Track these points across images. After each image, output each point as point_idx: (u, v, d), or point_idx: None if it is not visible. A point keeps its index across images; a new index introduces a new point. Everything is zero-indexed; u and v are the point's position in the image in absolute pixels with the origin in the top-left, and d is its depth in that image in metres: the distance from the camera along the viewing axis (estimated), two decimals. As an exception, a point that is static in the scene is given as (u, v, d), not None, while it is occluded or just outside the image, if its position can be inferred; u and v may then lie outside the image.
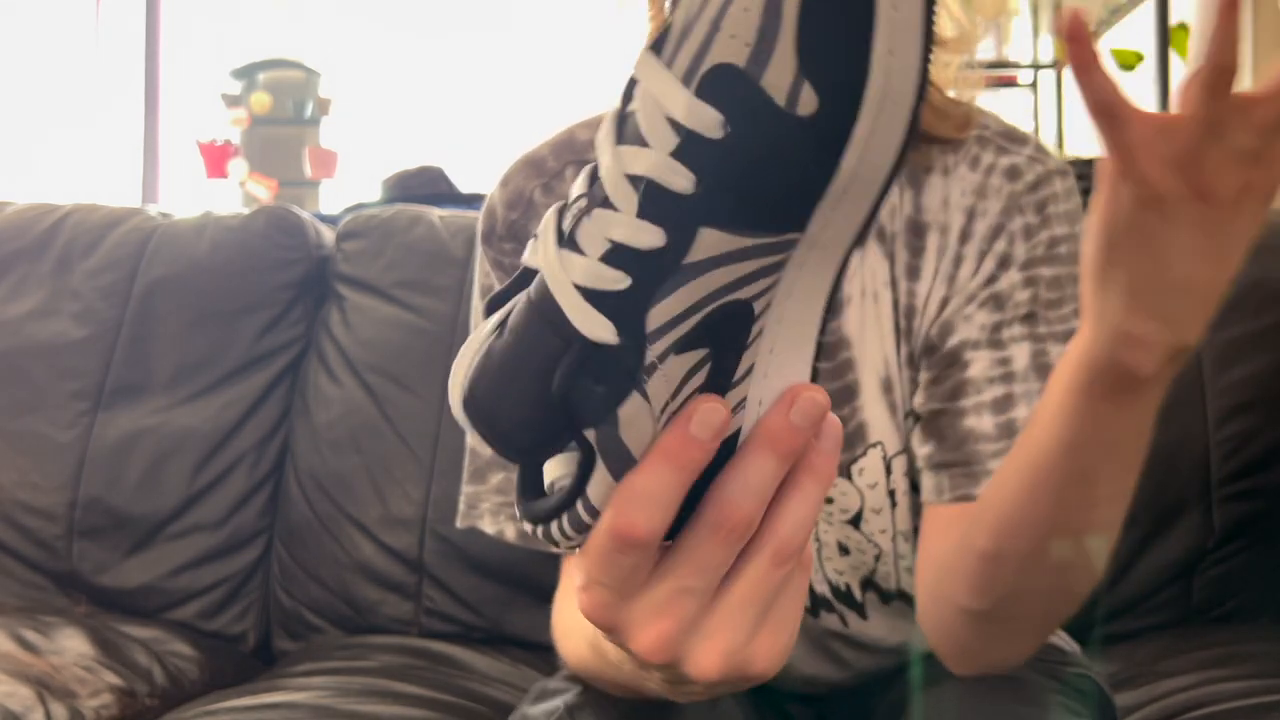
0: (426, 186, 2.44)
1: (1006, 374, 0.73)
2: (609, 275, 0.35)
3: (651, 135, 0.35)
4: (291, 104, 5.23)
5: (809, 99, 0.34)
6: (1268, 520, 1.27)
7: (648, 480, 0.37)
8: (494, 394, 0.37)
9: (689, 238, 0.35)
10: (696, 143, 0.35)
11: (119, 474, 1.39)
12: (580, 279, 0.36)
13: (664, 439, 0.37)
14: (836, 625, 0.83)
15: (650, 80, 0.35)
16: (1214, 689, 1.02)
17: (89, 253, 1.48)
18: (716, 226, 0.35)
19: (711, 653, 0.39)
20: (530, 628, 1.29)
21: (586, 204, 0.36)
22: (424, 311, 1.39)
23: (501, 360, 0.37)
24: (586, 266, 0.36)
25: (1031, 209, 0.76)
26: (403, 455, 1.35)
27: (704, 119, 0.34)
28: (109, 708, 1.10)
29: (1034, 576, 0.65)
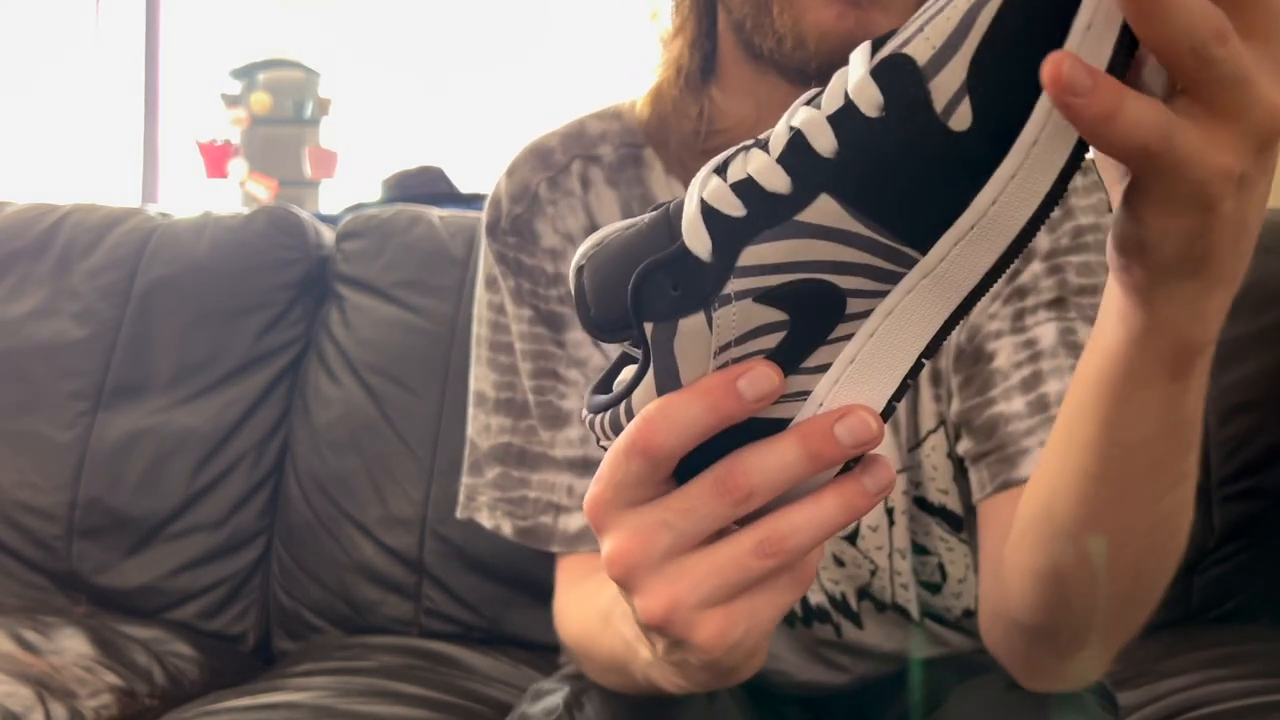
0: (426, 186, 2.44)
1: (1034, 354, 0.71)
2: (730, 200, 0.38)
3: (829, 99, 0.38)
4: (291, 104, 5.23)
5: (964, 115, 0.36)
6: (1268, 520, 1.27)
7: (680, 405, 0.38)
8: (601, 266, 0.41)
9: (809, 197, 0.37)
10: (852, 115, 0.37)
11: (119, 474, 1.39)
12: (708, 196, 0.39)
13: (710, 377, 0.38)
14: (830, 635, 0.83)
15: (858, 54, 0.38)
16: (1214, 689, 1.02)
17: (89, 253, 1.48)
18: (837, 198, 0.37)
19: (660, 594, 0.40)
20: (530, 628, 1.29)
21: (753, 143, 0.39)
22: (424, 311, 1.39)
23: (620, 242, 0.41)
24: (717, 187, 0.39)
25: None
26: (403, 455, 1.35)
27: (867, 95, 0.37)
28: (109, 708, 1.10)
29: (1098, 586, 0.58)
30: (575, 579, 0.76)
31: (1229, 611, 1.27)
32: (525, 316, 0.79)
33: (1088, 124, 0.34)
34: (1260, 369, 1.29)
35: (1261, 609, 1.27)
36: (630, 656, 0.59)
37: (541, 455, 0.78)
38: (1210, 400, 1.27)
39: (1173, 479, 0.53)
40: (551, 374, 0.78)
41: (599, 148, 0.81)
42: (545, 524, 0.77)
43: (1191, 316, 0.46)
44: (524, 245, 0.80)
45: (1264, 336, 1.29)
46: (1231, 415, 1.28)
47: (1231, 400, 1.28)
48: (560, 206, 0.80)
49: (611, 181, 0.79)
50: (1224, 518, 1.26)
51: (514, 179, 0.81)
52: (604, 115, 0.82)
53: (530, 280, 0.79)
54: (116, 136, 4.57)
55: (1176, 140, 0.36)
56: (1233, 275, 0.45)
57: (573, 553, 0.77)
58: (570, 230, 0.79)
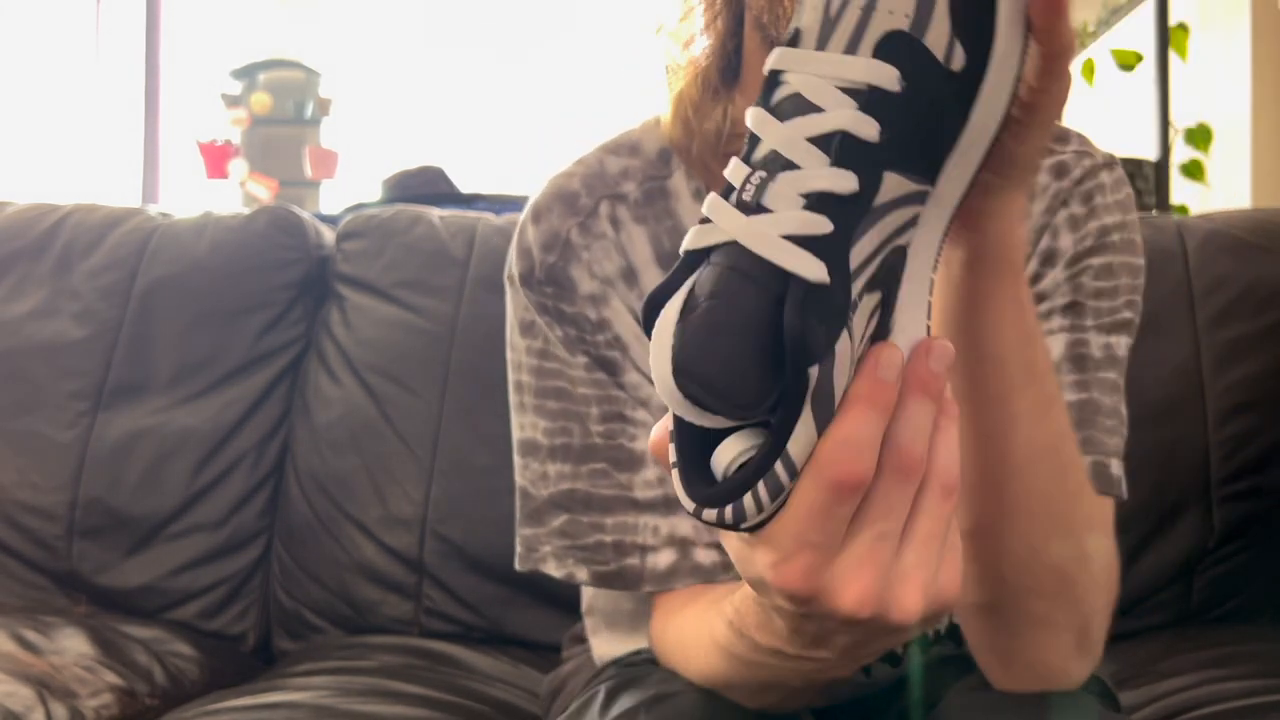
0: (426, 186, 2.44)
1: None
2: (814, 220, 0.40)
3: (824, 101, 0.41)
4: (292, 104, 5.23)
5: (959, 56, 0.42)
6: (1267, 520, 1.27)
7: (857, 426, 0.40)
8: (705, 357, 0.40)
9: (877, 181, 0.41)
10: (879, 96, 0.41)
11: (119, 474, 1.39)
12: (788, 229, 0.40)
13: (858, 386, 0.41)
14: (859, 676, 0.81)
15: (806, 65, 0.42)
16: (1214, 689, 1.02)
17: (89, 253, 1.48)
18: (897, 170, 0.41)
19: (913, 592, 0.42)
20: (530, 627, 1.29)
21: (765, 174, 0.41)
22: (424, 311, 1.39)
23: (706, 326, 0.40)
24: (790, 218, 0.40)
25: (1078, 200, 0.75)
26: (403, 455, 1.35)
27: (884, 75, 0.41)
28: (109, 708, 1.10)
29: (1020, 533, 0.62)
30: (674, 608, 0.74)
31: (1229, 611, 1.27)
32: (581, 364, 0.77)
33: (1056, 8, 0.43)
34: (1260, 369, 1.29)
35: (1261, 609, 1.27)
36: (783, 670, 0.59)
37: (615, 498, 0.76)
38: (1210, 400, 1.28)
39: (1047, 393, 0.59)
40: (619, 417, 0.76)
41: (623, 185, 0.80)
42: (633, 565, 0.75)
43: (1014, 220, 0.54)
44: (563, 294, 0.78)
45: (1264, 336, 1.29)
46: (1231, 415, 1.28)
47: (1231, 400, 1.28)
48: (595, 251, 0.78)
49: (640, 219, 0.79)
50: (1224, 518, 1.27)
51: (541, 227, 0.79)
52: (619, 150, 0.81)
53: (576, 328, 0.78)
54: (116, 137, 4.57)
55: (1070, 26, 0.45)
56: (1033, 180, 0.56)
57: (667, 590, 0.75)
58: (608, 274, 0.78)
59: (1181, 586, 1.27)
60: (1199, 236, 1.35)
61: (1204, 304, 1.31)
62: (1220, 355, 1.29)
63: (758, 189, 0.41)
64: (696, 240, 0.42)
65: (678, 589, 0.74)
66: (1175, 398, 1.29)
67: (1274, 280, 1.30)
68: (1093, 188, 0.75)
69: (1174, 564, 1.26)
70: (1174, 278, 1.32)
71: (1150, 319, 1.31)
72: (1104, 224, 0.74)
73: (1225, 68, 3.32)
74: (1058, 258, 0.74)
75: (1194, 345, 1.30)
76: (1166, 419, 1.28)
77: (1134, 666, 1.14)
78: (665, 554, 0.74)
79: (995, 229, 0.54)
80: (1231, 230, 1.35)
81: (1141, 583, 1.26)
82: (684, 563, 0.73)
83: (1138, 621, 1.26)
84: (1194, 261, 1.33)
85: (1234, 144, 3.23)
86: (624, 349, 0.77)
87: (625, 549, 0.75)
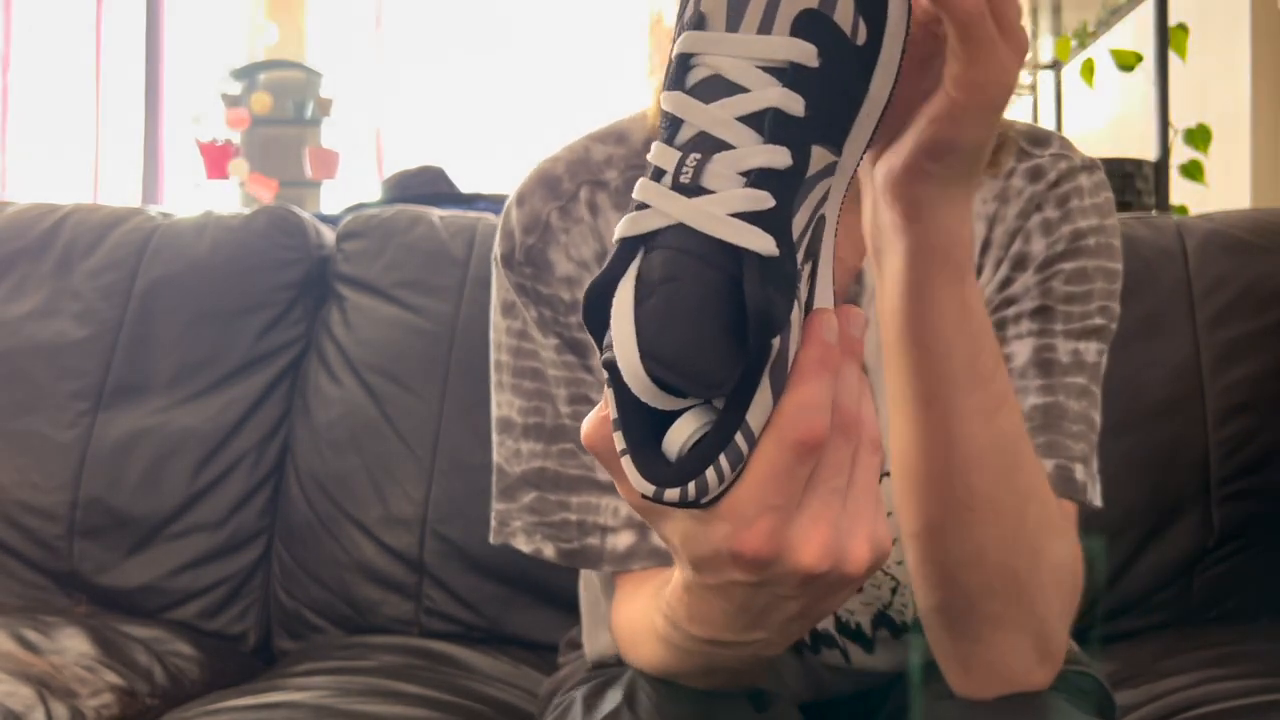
0: (426, 186, 2.44)
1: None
2: (757, 196, 0.41)
3: (747, 81, 0.42)
4: (292, 104, 5.23)
5: (862, 31, 0.44)
6: (1267, 520, 1.27)
7: (815, 389, 0.42)
8: (672, 340, 0.41)
9: (806, 155, 0.42)
10: (801, 73, 0.42)
11: (119, 474, 1.39)
12: (735, 207, 0.41)
13: (810, 351, 0.42)
14: (838, 660, 0.82)
15: (720, 46, 0.42)
16: (1213, 688, 1.02)
17: (89, 253, 1.48)
18: (819, 143, 0.43)
19: (862, 542, 0.45)
20: (530, 627, 1.29)
21: (700, 155, 0.42)
22: (424, 311, 1.39)
23: (668, 310, 0.41)
24: (734, 196, 0.41)
25: (1053, 204, 0.75)
26: (403, 455, 1.35)
27: (804, 52, 0.42)
28: (110, 707, 1.10)
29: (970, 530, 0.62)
30: (630, 593, 0.76)
31: (1228, 611, 1.27)
32: (552, 345, 0.79)
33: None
34: (1260, 369, 1.29)
35: (1261, 609, 1.27)
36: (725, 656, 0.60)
37: (580, 478, 0.78)
38: (1210, 400, 1.28)
39: (997, 393, 0.60)
40: (585, 399, 0.78)
41: (605, 173, 0.81)
42: (593, 545, 0.77)
43: (958, 217, 0.55)
44: (540, 275, 0.80)
45: (1264, 336, 1.29)
46: (1231, 415, 1.28)
47: (1231, 400, 1.28)
48: (573, 234, 0.80)
49: (619, 206, 0.80)
50: (1224, 518, 1.27)
51: (524, 209, 0.81)
52: (606, 138, 0.82)
53: (550, 308, 0.79)
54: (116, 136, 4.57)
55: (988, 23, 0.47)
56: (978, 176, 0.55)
57: (626, 571, 0.76)
58: (584, 257, 0.80)
59: (1181, 586, 1.27)
60: (1199, 236, 1.35)
61: (1204, 304, 1.31)
62: (1220, 355, 1.29)
63: (695, 171, 0.41)
64: (634, 227, 0.42)
65: (635, 570, 0.75)
66: (1175, 398, 1.29)
67: (1274, 280, 1.30)
68: (1069, 191, 0.75)
69: (1174, 564, 1.26)
70: (1174, 278, 1.32)
71: (1150, 319, 1.32)
72: (1078, 228, 0.74)
73: (1225, 68, 3.32)
74: (1029, 262, 0.74)
75: (1194, 345, 1.30)
76: (1166, 419, 1.28)
77: (1134, 665, 1.14)
78: (624, 535, 0.75)
79: (937, 222, 0.55)
80: (1231, 230, 1.35)
81: (1141, 582, 1.26)
82: (642, 545, 0.75)
83: (1138, 621, 1.26)
84: (1194, 261, 1.33)
85: (1233, 144, 3.23)
86: None
87: (587, 528, 0.77)
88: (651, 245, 0.42)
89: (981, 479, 0.60)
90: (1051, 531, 0.65)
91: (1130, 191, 2.27)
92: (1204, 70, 3.38)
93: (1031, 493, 0.63)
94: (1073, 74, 4.11)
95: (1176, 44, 3.02)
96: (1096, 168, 0.77)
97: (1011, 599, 0.64)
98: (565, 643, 1.04)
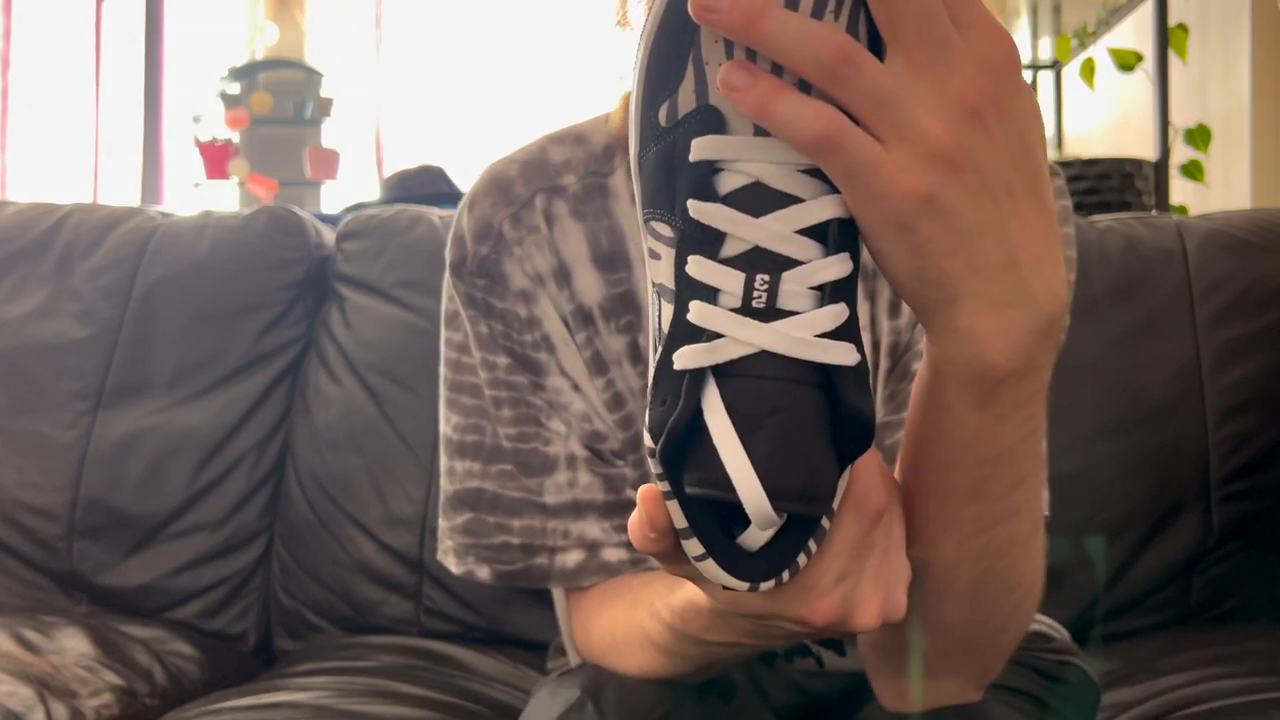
0: (426, 186, 2.44)
1: None
2: (835, 311, 0.40)
3: (795, 189, 0.40)
4: (292, 104, 5.23)
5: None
6: (1267, 520, 1.27)
7: (873, 457, 0.44)
8: (797, 472, 0.40)
9: (859, 252, 0.41)
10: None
11: (119, 474, 1.39)
12: (822, 328, 0.40)
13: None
14: (812, 667, 0.82)
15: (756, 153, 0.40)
16: (1213, 685, 1.02)
17: (89, 253, 1.48)
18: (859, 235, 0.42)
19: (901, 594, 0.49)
20: (530, 627, 1.29)
21: (768, 278, 0.40)
22: (424, 311, 1.39)
23: (787, 442, 0.40)
24: (819, 317, 0.40)
25: None
26: (403, 455, 1.35)
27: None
28: (109, 707, 1.10)
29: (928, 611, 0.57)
30: (600, 605, 0.75)
31: (1228, 611, 1.27)
32: (502, 364, 0.76)
33: (750, 111, 0.39)
34: (1260, 369, 1.29)
35: (1261, 609, 1.27)
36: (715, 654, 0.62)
37: (523, 501, 0.75)
38: (1210, 400, 1.28)
39: (1001, 511, 0.52)
40: (533, 421, 0.75)
41: (562, 178, 0.77)
42: (540, 564, 0.75)
43: (968, 342, 0.44)
44: (493, 288, 0.76)
45: (1264, 336, 1.29)
46: (1231, 415, 1.28)
47: (1231, 400, 1.28)
48: (527, 245, 0.76)
49: (577, 214, 0.76)
50: (1224, 518, 1.27)
51: (475, 215, 0.78)
52: (565, 139, 0.79)
53: (503, 323, 0.76)
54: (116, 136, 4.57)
55: (851, 142, 0.39)
56: (1001, 302, 0.43)
57: (577, 588, 0.76)
58: (539, 270, 0.76)
59: (1181, 586, 1.27)
60: (1199, 236, 1.35)
61: (1204, 304, 1.31)
62: (1220, 355, 1.29)
63: (769, 294, 0.40)
64: (710, 357, 0.40)
65: (585, 585, 0.75)
66: (1175, 397, 1.29)
67: (1274, 280, 1.30)
68: None
69: (1174, 563, 1.26)
70: (1174, 278, 1.32)
71: (1150, 319, 1.32)
72: None
73: (1225, 68, 3.32)
74: None
75: (1194, 345, 1.30)
76: (1166, 419, 1.28)
77: (1133, 664, 1.14)
78: (574, 554, 0.75)
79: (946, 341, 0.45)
80: (1231, 230, 1.35)
81: (1141, 582, 1.26)
82: (592, 561, 0.74)
83: (1137, 621, 1.26)
84: (1194, 261, 1.33)
85: (1233, 144, 3.23)
86: (552, 349, 0.76)
87: (534, 549, 0.75)
88: (729, 372, 0.40)
89: (957, 579, 0.55)
90: (1030, 607, 0.60)
91: (1130, 191, 2.27)
92: (1204, 70, 3.38)
93: (1018, 585, 0.57)
94: (1073, 74, 4.11)
95: (1176, 44, 3.02)
96: (1055, 174, 0.75)
97: (967, 659, 0.61)
98: (554, 647, 1.04)
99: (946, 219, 0.40)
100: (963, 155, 0.39)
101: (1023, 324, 0.43)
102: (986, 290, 0.42)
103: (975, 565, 0.54)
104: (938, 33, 0.39)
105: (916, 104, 0.39)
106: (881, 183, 0.39)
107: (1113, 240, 1.35)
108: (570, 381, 0.75)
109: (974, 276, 0.42)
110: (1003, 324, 0.43)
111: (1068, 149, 4.44)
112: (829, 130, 0.38)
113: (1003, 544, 0.54)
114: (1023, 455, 0.50)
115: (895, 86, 0.39)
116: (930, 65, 0.39)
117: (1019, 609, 0.59)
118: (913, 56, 0.39)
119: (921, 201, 0.40)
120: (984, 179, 0.40)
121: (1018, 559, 0.55)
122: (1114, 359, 1.30)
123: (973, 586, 0.55)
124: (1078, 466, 1.25)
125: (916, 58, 0.39)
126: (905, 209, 0.40)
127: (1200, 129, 3.01)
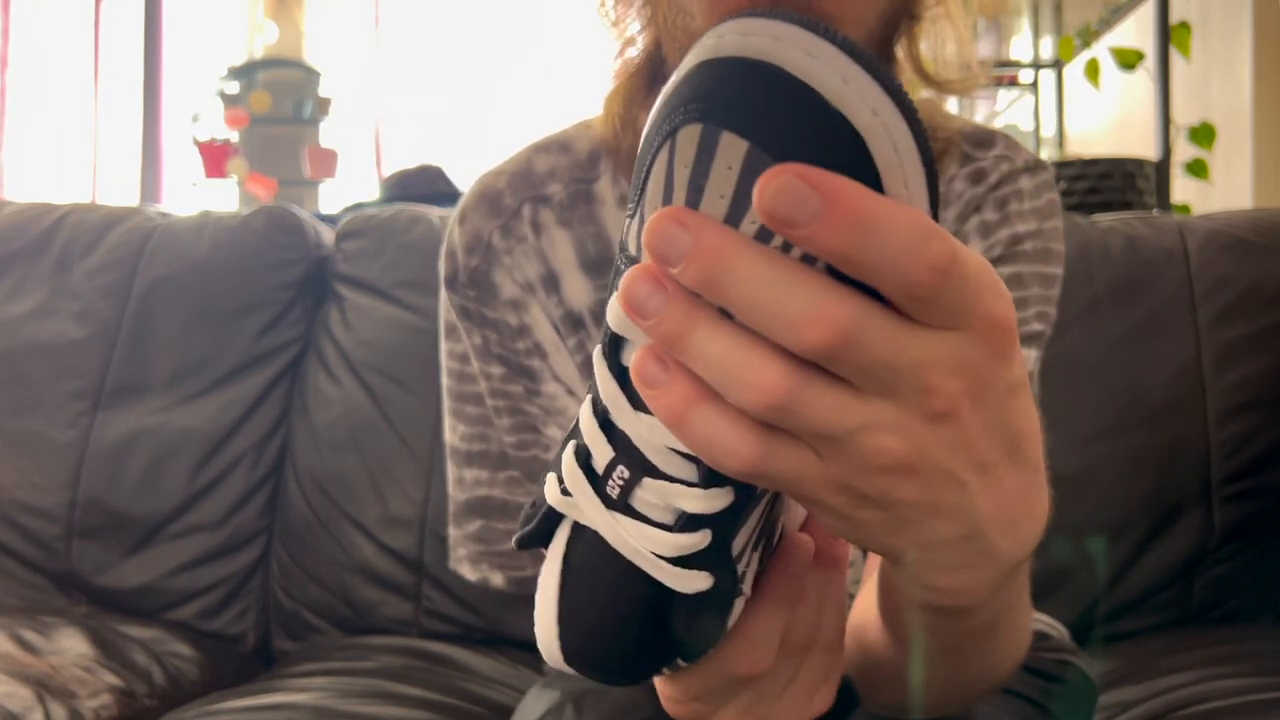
0: (426, 186, 2.44)
1: None
2: (691, 541, 0.35)
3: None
4: (291, 103, 5.23)
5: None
6: (1268, 520, 1.27)
7: (762, 623, 0.42)
8: (596, 646, 0.40)
9: (760, 491, 0.37)
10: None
11: (119, 474, 1.39)
12: (664, 550, 0.36)
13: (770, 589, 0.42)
14: None
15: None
16: (1214, 685, 1.02)
17: (88, 252, 1.48)
18: None
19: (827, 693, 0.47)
20: (530, 628, 1.28)
21: (629, 473, 0.35)
22: (424, 311, 1.39)
23: (589, 626, 0.39)
24: (663, 540, 0.35)
25: (991, 206, 0.72)
26: (403, 455, 1.35)
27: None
28: (108, 708, 1.09)
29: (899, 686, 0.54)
30: None
31: (1229, 611, 1.27)
32: (497, 374, 0.76)
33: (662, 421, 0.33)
34: (1262, 369, 1.28)
35: (1261, 609, 1.27)
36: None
37: None
38: (1210, 400, 1.27)
39: (971, 672, 0.51)
40: (531, 429, 0.76)
41: (548, 187, 0.77)
42: None
43: (916, 585, 0.39)
44: (484, 299, 0.77)
45: (1265, 336, 1.29)
46: (1231, 415, 1.27)
47: (1231, 400, 1.28)
48: (516, 255, 0.77)
49: (564, 221, 0.77)
50: (1224, 518, 1.26)
51: (465, 228, 0.78)
52: (550, 148, 0.79)
53: (496, 333, 0.76)
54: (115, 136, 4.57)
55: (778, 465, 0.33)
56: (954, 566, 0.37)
57: None
58: (529, 279, 0.77)
59: (1182, 586, 1.27)
60: (1200, 236, 1.35)
61: (1205, 304, 1.31)
62: (1221, 355, 1.29)
63: (622, 489, 0.35)
64: (560, 506, 0.38)
65: None
66: (1176, 398, 1.29)
67: (1275, 280, 1.30)
68: (1009, 194, 0.72)
69: (1175, 564, 1.26)
70: (1175, 278, 1.32)
71: (1151, 319, 1.32)
72: (1016, 232, 0.72)
73: (1226, 66, 3.32)
74: None
75: (1195, 345, 1.30)
76: (1168, 419, 1.28)
77: (1134, 664, 1.14)
78: None
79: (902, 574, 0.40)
80: (1233, 230, 1.35)
81: (1142, 583, 1.26)
82: None
83: (1138, 621, 1.26)
84: (1195, 261, 1.33)
85: (1236, 143, 3.23)
86: (544, 356, 0.76)
87: (542, 555, 0.75)
88: (579, 534, 0.38)
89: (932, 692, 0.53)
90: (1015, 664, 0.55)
91: (1132, 191, 2.27)
92: (1206, 69, 3.38)
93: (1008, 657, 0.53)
94: (1075, 73, 4.11)
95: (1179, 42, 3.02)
96: (1041, 168, 0.75)
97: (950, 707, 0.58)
98: None
99: (892, 511, 0.34)
100: (921, 460, 0.33)
101: (980, 579, 0.38)
102: (938, 559, 0.37)
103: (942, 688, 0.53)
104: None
105: (870, 431, 0.32)
106: (811, 492, 0.34)
107: (1114, 240, 1.35)
108: (564, 387, 0.76)
109: (923, 550, 0.36)
110: (955, 581, 0.38)
111: (1069, 149, 4.44)
112: (751, 461, 0.32)
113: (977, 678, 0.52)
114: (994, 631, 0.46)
115: (842, 418, 0.32)
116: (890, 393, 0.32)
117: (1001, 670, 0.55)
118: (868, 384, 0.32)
119: (858, 501, 0.34)
120: (948, 471, 0.34)
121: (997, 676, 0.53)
122: (1115, 359, 1.30)
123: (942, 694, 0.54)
124: (1078, 466, 1.25)
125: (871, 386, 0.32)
126: (838, 504, 0.34)
127: (1204, 127, 3.01)
